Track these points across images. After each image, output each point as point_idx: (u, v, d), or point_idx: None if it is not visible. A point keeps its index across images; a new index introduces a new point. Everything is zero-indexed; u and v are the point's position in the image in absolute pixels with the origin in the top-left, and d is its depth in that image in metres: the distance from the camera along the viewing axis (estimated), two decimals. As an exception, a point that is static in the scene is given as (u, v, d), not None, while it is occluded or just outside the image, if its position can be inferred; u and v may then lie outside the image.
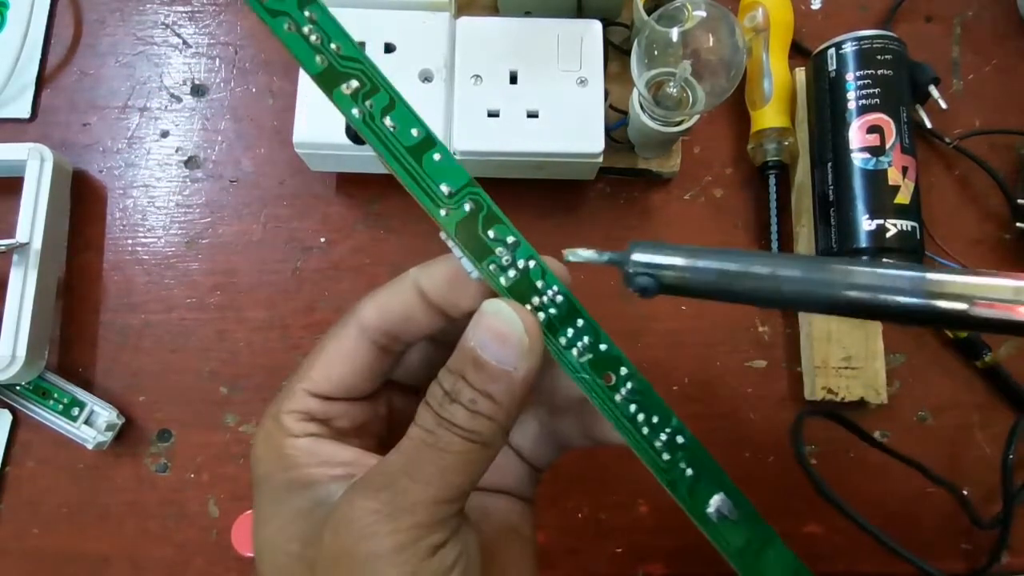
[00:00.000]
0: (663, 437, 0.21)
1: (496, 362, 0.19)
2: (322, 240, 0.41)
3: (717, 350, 0.41)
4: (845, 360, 0.39)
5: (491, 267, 0.20)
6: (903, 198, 0.37)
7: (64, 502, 0.38)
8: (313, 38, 0.18)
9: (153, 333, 0.40)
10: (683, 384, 0.40)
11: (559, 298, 0.21)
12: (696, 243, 0.41)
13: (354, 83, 0.19)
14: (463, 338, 0.20)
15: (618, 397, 0.21)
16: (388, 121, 0.19)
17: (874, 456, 0.39)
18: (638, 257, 0.19)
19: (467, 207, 0.20)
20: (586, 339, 0.21)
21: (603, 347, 0.21)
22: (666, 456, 0.21)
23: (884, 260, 0.15)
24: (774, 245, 0.41)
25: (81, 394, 0.38)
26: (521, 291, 0.21)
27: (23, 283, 0.37)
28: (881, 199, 0.37)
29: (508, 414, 0.20)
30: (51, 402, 0.38)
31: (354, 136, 0.20)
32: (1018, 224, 0.41)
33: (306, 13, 0.18)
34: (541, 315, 0.21)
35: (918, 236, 0.37)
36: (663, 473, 0.21)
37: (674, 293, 0.19)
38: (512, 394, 0.20)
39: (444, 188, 0.20)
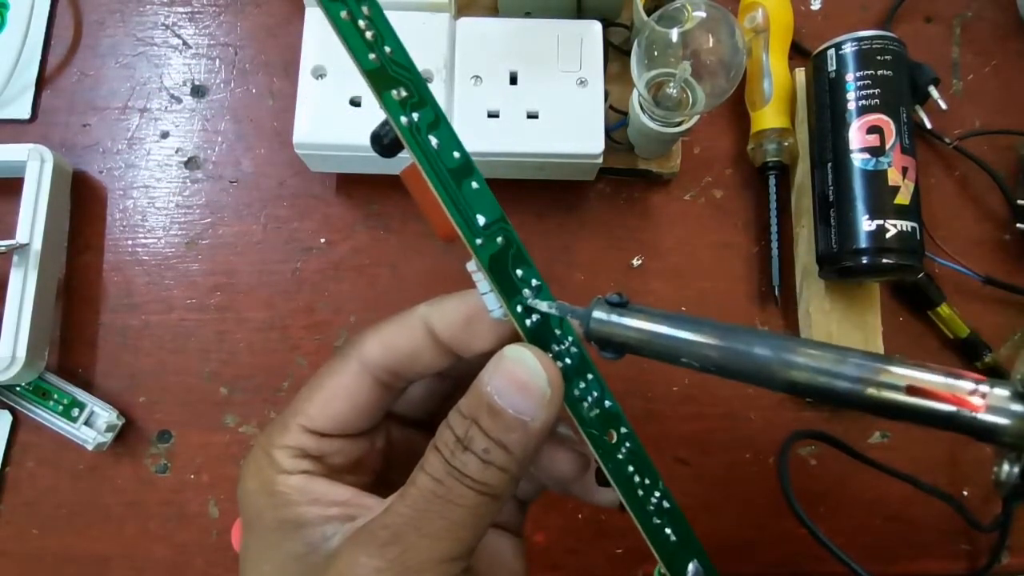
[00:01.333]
0: (653, 500, 0.21)
1: (513, 411, 0.18)
2: (322, 241, 0.41)
3: (717, 351, 0.41)
4: (845, 360, 0.38)
5: (518, 308, 0.19)
6: (903, 199, 0.37)
7: (64, 503, 0.38)
8: (368, 35, 0.17)
9: (153, 334, 0.40)
10: (683, 384, 0.40)
11: (573, 349, 0.20)
12: (696, 244, 0.42)
13: (403, 91, 0.18)
14: (479, 381, 0.19)
15: (619, 456, 0.20)
16: (433, 139, 0.18)
17: (874, 457, 0.39)
18: (599, 315, 0.19)
19: (499, 241, 0.19)
20: (595, 394, 0.20)
21: (608, 404, 0.20)
22: (656, 520, 0.21)
23: (826, 346, 0.15)
24: (774, 245, 0.41)
25: (81, 395, 0.38)
26: (542, 336, 0.20)
27: (23, 284, 0.37)
28: (881, 199, 0.37)
29: (521, 465, 0.19)
30: (51, 403, 0.38)
31: (383, 147, 0.18)
32: (1018, 225, 0.41)
33: (363, 9, 0.17)
34: (559, 364, 0.20)
35: (918, 236, 0.37)
36: (653, 535, 0.21)
37: (631, 352, 0.19)
38: (526, 446, 0.19)
39: (480, 219, 0.19)
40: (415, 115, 0.18)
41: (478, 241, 0.19)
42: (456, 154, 0.19)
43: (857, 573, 0.35)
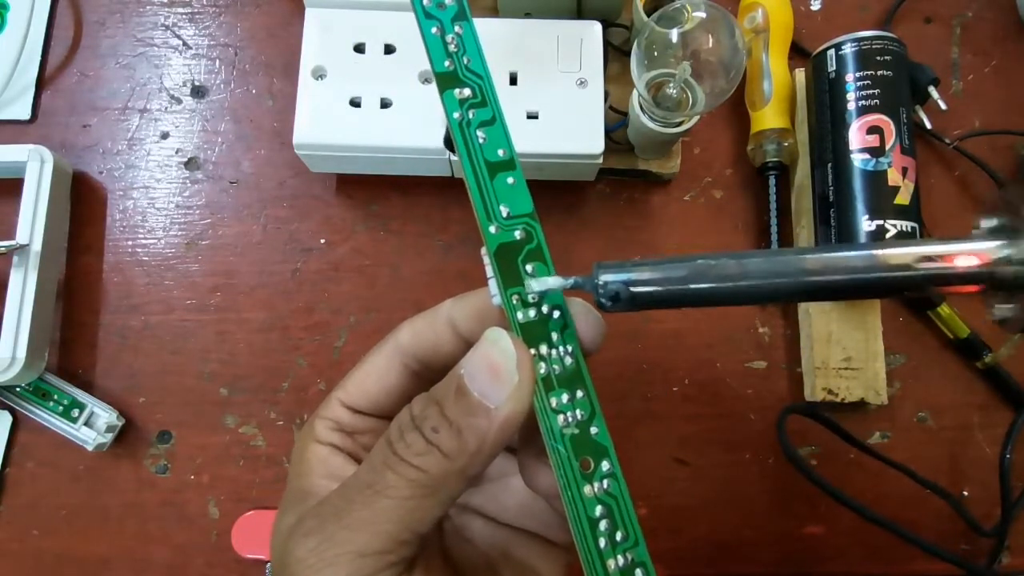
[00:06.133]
0: (620, 560, 0.18)
1: (479, 395, 0.17)
2: (322, 241, 0.41)
3: (717, 351, 0.41)
4: (845, 361, 0.39)
5: (514, 298, 0.19)
6: (903, 199, 0.37)
7: (64, 504, 0.38)
8: (452, 47, 0.20)
9: (153, 334, 0.40)
10: (683, 385, 0.40)
11: (568, 360, 0.19)
12: (696, 244, 0.42)
13: (467, 91, 0.20)
14: (457, 364, 0.18)
15: (588, 490, 0.19)
16: (480, 133, 0.20)
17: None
18: (607, 278, 0.18)
19: (517, 234, 0.20)
20: (579, 413, 0.19)
21: (594, 430, 0.19)
22: None
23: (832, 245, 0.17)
24: (774, 246, 0.41)
25: (81, 395, 0.38)
26: (533, 333, 0.19)
27: (23, 285, 0.37)
28: (881, 200, 0.37)
29: (470, 458, 0.17)
30: (51, 404, 0.38)
31: (447, 142, 0.22)
32: (1018, 225, 0.41)
33: (456, 28, 0.20)
34: (542, 366, 0.19)
35: (918, 237, 0.37)
36: None
37: (645, 307, 0.18)
38: (482, 436, 0.17)
39: (503, 209, 0.20)
40: (471, 112, 0.20)
41: (491, 228, 0.19)
42: (501, 151, 0.20)
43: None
